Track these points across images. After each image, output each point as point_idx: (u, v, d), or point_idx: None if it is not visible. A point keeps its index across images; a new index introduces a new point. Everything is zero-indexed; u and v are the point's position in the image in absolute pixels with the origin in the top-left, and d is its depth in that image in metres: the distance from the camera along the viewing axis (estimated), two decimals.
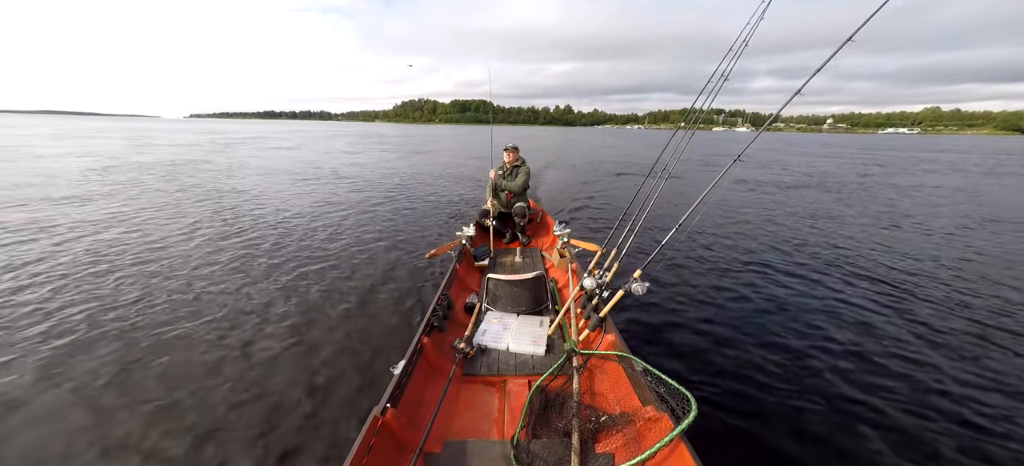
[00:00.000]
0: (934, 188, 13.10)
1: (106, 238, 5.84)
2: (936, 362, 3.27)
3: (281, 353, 3.17)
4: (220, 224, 6.77)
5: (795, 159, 23.40)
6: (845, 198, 10.85)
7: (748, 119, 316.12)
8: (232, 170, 13.95)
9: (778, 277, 4.97)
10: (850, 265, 5.48)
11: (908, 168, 19.79)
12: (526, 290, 3.22)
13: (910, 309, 4.20)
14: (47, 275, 4.46)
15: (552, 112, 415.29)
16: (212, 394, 2.70)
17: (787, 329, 3.72)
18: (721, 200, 10.02)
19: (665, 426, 1.75)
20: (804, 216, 8.53)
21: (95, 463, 2.19)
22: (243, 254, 5.33)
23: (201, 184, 10.85)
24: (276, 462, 2.20)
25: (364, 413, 1.83)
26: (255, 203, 8.57)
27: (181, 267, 4.81)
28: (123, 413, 2.53)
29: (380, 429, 1.75)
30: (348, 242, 6.03)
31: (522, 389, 2.35)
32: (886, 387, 2.95)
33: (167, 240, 5.83)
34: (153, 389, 2.74)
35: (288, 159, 18.55)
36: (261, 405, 2.61)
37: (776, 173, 16.03)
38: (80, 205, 7.87)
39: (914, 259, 5.82)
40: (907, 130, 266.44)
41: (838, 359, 3.28)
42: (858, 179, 14.99)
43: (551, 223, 5.14)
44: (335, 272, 4.82)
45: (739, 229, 7.32)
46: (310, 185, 11.26)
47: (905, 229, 7.65)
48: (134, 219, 6.94)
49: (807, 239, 6.77)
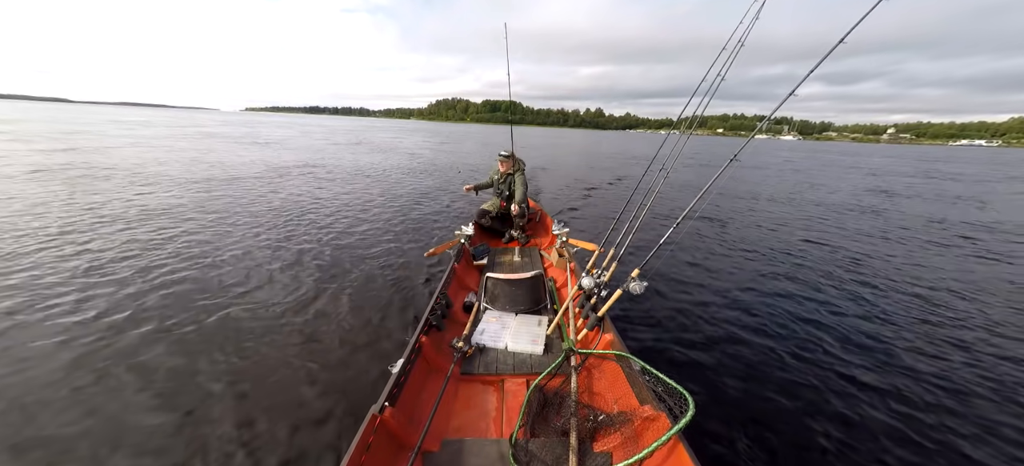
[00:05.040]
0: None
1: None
2: (938, 362, 3.29)
3: (278, 351, 3.16)
4: (216, 219, 6.76)
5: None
6: (844, 202, 10.89)
7: (795, 126, 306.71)
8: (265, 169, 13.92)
9: (776, 276, 4.99)
10: (849, 264, 5.50)
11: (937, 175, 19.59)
12: (525, 289, 3.23)
13: (909, 307, 4.22)
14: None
15: (582, 115, 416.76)
16: (206, 393, 2.70)
17: (785, 328, 3.73)
18: (719, 199, 10.04)
19: (663, 425, 1.76)
20: (803, 215, 8.55)
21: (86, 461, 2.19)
22: (239, 250, 5.31)
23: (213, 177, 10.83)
24: (274, 461, 2.20)
25: (362, 411, 1.83)
26: (253, 202, 8.56)
27: (171, 257, 4.80)
28: (122, 412, 2.52)
29: (378, 427, 1.75)
30: (347, 239, 6.02)
31: (520, 388, 2.35)
32: (885, 386, 2.97)
33: (153, 233, 5.81)
34: (147, 378, 2.74)
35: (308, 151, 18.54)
36: (258, 404, 2.61)
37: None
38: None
39: (909, 259, 5.85)
40: (984, 142, 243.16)
41: (836, 358, 3.29)
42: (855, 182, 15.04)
43: (550, 222, 5.15)
44: (332, 270, 4.81)
45: (737, 229, 7.34)
46: (311, 183, 11.24)
47: (904, 230, 7.68)
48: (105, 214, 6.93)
49: (806, 239, 6.79)
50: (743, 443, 2.42)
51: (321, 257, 5.25)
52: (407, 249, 5.73)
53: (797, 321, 3.88)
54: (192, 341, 3.27)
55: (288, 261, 5.04)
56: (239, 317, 3.65)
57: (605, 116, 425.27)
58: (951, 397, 2.89)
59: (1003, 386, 3.02)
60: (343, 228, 6.70)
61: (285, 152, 18.84)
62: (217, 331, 3.43)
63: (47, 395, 2.61)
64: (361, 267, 4.96)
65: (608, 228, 3.50)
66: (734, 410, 2.67)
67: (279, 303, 3.94)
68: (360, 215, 7.63)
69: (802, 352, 3.36)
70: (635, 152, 32.70)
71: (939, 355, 3.40)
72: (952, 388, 2.98)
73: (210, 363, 3.01)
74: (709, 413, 2.60)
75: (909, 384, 3.01)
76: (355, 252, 5.52)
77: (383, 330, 3.53)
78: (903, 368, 3.20)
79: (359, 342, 3.32)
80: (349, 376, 2.89)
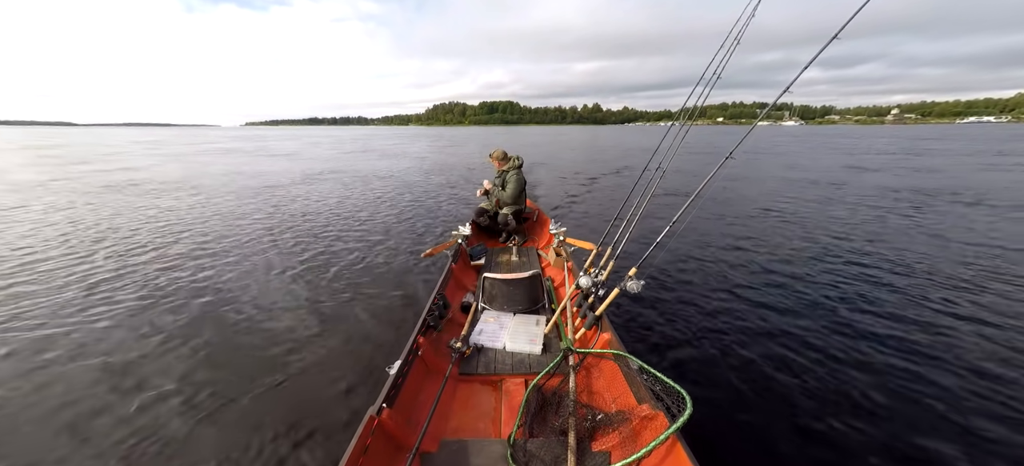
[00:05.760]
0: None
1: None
2: (939, 362, 3.31)
3: (275, 353, 3.15)
4: (219, 222, 6.73)
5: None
6: (841, 194, 10.93)
7: (796, 112, 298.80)
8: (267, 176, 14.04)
9: (774, 274, 5.00)
10: (850, 261, 5.52)
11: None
12: (522, 289, 3.22)
13: (911, 303, 4.23)
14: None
15: (580, 111, 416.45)
16: (201, 396, 2.68)
17: (783, 325, 3.74)
18: (717, 197, 10.05)
19: (661, 424, 1.76)
20: (803, 212, 8.58)
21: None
22: (237, 253, 5.29)
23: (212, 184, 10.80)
24: (272, 462, 2.19)
25: (360, 413, 1.82)
26: (251, 206, 8.52)
27: (173, 261, 4.77)
28: (117, 410, 2.50)
29: (376, 429, 1.75)
30: (344, 241, 6.00)
31: (519, 388, 2.35)
32: (887, 384, 2.98)
33: (156, 236, 5.79)
34: (145, 381, 2.72)
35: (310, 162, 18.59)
36: (254, 406, 2.59)
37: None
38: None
39: (906, 247, 5.87)
40: (993, 118, 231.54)
41: (836, 356, 3.30)
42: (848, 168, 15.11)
43: (547, 221, 5.14)
44: (329, 271, 4.79)
45: (736, 226, 7.36)
46: (307, 186, 11.22)
47: (901, 220, 7.71)
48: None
49: (805, 236, 6.81)
50: (741, 442, 2.43)
51: (315, 258, 5.23)
52: (403, 249, 5.72)
53: (796, 317, 3.89)
54: (184, 343, 3.25)
55: (282, 262, 5.02)
56: (230, 320, 3.63)
57: (603, 111, 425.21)
58: (963, 392, 2.90)
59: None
60: (338, 228, 6.68)
61: (305, 161, 20.25)
62: (209, 333, 3.41)
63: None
64: (356, 268, 4.95)
65: (605, 227, 3.50)
66: (732, 408, 2.68)
67: (273, 304, 3.92)
68: (357, 216, 7.61)
69: (802, 349, 3.37)
70: (631, 144, 33.71)
71: (948, 346, 3.41)
72: (961, 388, 3.00)
73: (201, 365, 2.99)
74: (707, 412, 2.59)
75: (914, 382, 3.02)
76: (350, 252, 5.50)
77: (380, 331, 3.52)
78: (907, 364, 3.21)
79: (356, 343, 3.31)
80: (346, 377, 2.88)
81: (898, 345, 3.48)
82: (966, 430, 2.57)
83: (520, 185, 4.81)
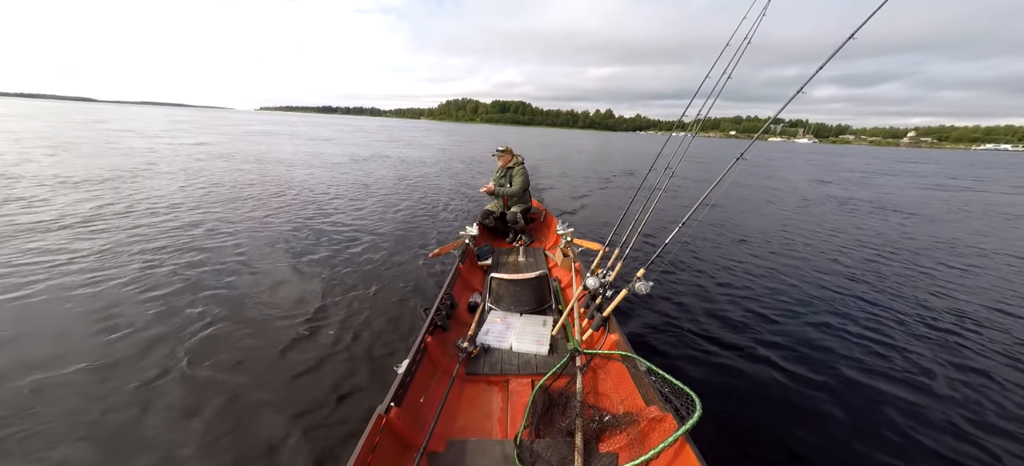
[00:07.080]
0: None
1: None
2: (942, 361, 3.25)
3: (284, 351, 3.17)
4: (221, 215, 6.81)
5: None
6: (853, 204, 10.78)
7: (811, 129, 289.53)
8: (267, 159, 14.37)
9: (784, 276, 4.94)
10: (858, 265, 5.44)
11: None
12: (529, 289, 3.22)
13: (920, 309, 4.16)
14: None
15: (592, 116, 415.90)
16: (212, 392, 2.71)
17: (793, 328, 3.69)
18: (725, 199, 9.97)
19: (669, 426, 1.74)
20: (811, 217, 8.48)
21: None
22: (244, 250, 5.35)
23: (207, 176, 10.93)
24: (280, 460, 2.21)
25: (368, 412, 1.83)
26: (252, 199, 8.61)
27: (177, 254, 4.83)
28: (115, 409, 2.54)
29: (384, 428, 1.75)
30: (351, 240, 6.04)
31: (525, 389, 2.35)
32: (896, 389, 2.93)
33: (160, 216, 5.86)
34: (148, 378, 2.76)
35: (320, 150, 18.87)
36: (264, 404, 2.62)
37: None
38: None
39: (918, 256, 5.78)
40: (1010, 147, 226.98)
41: (846, 359, 3.25)
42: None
43: (554, 222, 5.13)
44: (337, 271, 4.82)
45: (745, 228, 7.29)
46: (310, 181, 11.30)
47: (907, 230, 7.59)
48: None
49: (814, 239, 6.72)
50: (752, 445, 2.40)
51: (323, 257, 5.27)
52: (411, 249, 5.74)
53: (807, 320, 3.84)
54: (191, 338, 3.29)
55: (289, 261, 5.06)
56: (240, 318, 3.67)
57: (615, 117, 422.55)
58: (975, 402, 2.84)
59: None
60: (346, 227, 6.72)
61: (349, 147, 22.91)
62: (218, 330, 3.44)
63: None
64: (364, 268, 4.97)
65: (613, 228, 3.49)
66: (743, 411, 2.65)
67: (281, 303, 3.95)
68: (363, 216, 7.66)
69: (813, 352, 3.33)
70: (642, 151, 34.37)
71: (976, 353, 3.35)
72: (967, 390, 2.94)
73: (208, 363, 3.02)
74: (717, 414, 2.57)
75: (926, 380, 2.97)
76: (357, 252, 5.54)
77: (387, 330, 3.53)
78: (918, 369, 3.16)
79: (363, 342, 3.32)
80: (354, 376, 2.89)
81: (915, 353, 3.42)
82: (981, 435, 2.52)
83: (527, 179, 4.93)
